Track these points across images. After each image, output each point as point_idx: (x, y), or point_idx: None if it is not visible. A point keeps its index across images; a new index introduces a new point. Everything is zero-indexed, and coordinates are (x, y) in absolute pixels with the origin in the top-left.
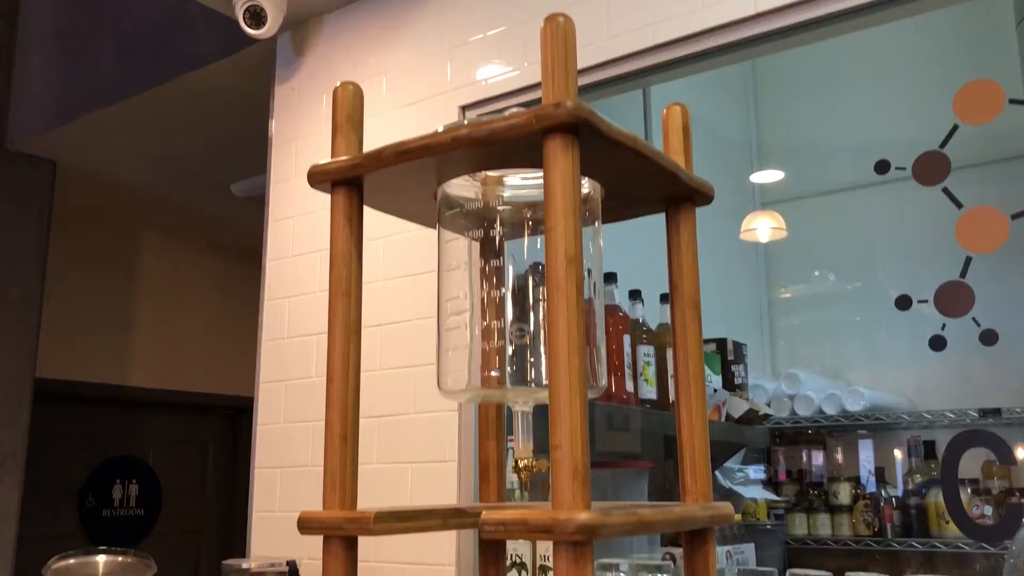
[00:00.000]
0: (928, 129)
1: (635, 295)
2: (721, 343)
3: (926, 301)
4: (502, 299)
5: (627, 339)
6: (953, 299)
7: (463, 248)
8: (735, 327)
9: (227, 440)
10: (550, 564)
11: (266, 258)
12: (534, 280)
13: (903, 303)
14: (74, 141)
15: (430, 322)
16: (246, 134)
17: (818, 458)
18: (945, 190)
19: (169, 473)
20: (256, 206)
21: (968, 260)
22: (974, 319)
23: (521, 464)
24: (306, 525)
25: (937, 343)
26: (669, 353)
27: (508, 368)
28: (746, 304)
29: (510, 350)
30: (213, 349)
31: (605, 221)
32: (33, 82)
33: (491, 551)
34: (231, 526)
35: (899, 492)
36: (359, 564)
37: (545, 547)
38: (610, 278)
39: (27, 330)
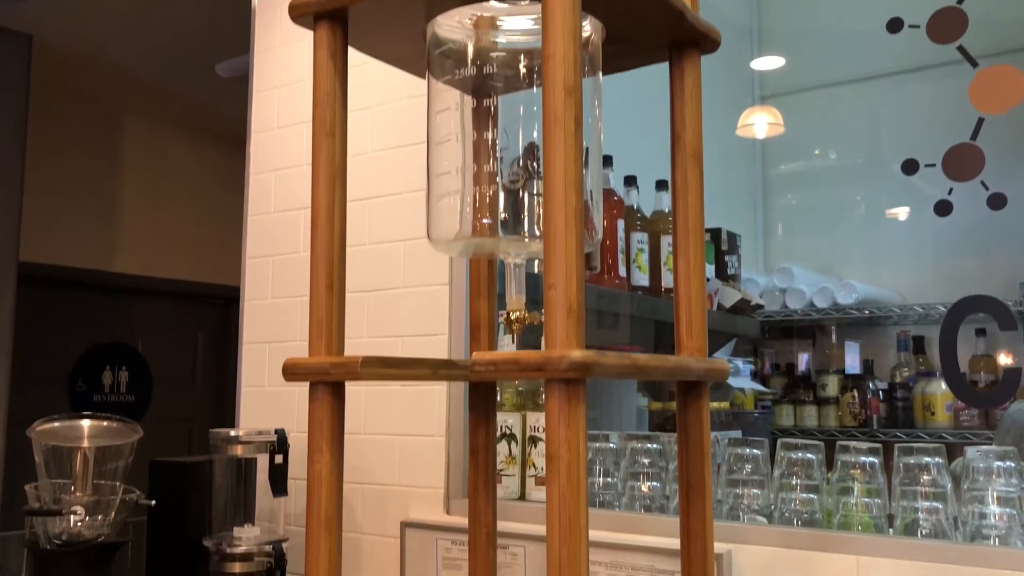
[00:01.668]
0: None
1: (630, 181)
2: (715, 233)
3: (933, 165)
4: (494, 143)
5: (621, 224)
6: (962, 162)
7: (455, 94)
8: (729, 221)
9: (218, 330)
10: (540, 435)
11: (251, 131)
12: (528, 123)
13: (909, 167)
14: (50, 14)
15: (420, 195)
16: (232, 7)
17: (807, 351)
18: (960, 48)
19: (159, 361)
20: (244, 89)
21: (980, 122)
22: (983, 183)
23: (513, 316)
24: (292, 371)
25: (943, 208)
26: (663, 241)
27: (501, 216)
28: (741, 199)
29: (503, 198)
30: (202, 238)
31: (606, 72)
32: None
33: (481, 416)
34: (222, 416)
35: (886, 385)
36: (346, 436)
37: (536, 418)
38: (606, 161)
39: (8, 211)
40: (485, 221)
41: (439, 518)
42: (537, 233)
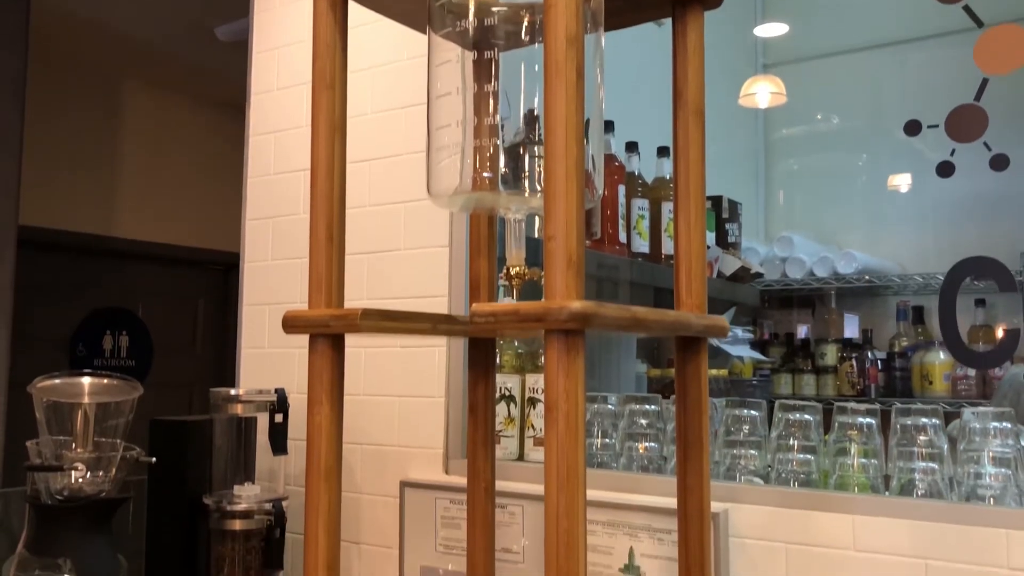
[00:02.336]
0: None
1: (632, 147)
2: (716, 200)
3: (936, 126)
4: (496, 95)
5: (622, 190)
6: (965, 123)
7: (455, 47)
8: (731, 191)
9: (218, 296)
10: (539, 396)
11: (250, 92)
12: (530, 82)
13: (912, 128)
14: None
15: (420, 157)
16: None
17: (806, 321)
18: (966, 8)
19: (160, 327)
20: (244, 53)
21: (984, 82)
22: (985, 144)
23: (513, 272)
24: (292, 324)
25: (945, 169)
26: (664, 207)
27: (502, 170)
28: (742, 169)
29: (504, 152)
30: (202, 203)
31: (608, 27)
32: None
33: (481, 373)
34: (223, 382)
35: (884, 355)
36: (346, 398)
37: (535, 380)
38: (607, 127)
39: (8, 174)
40: (485, 175)
41: (438, 478)
42: (538, 188)
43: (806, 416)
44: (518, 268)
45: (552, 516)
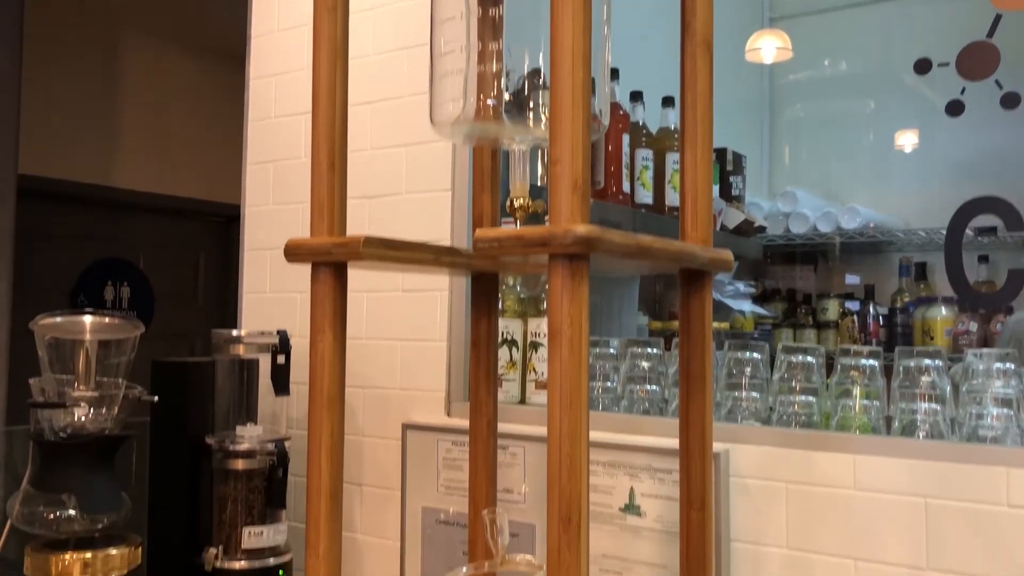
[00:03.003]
0: None
1: (636, 96)
2: (720, 152)
3: (947, 64)
4: (501, 18)
5: (626, 140)
6: (976, 60)
7: None
8: (734, 146)
9: (219, 249)
10: (541, 341)
11: (250, 34)
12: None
13: (922, 66)
14: None
15: (422, 99)
16: None
17: (809, 276)
18: None
19: (161, 279)
20: (245, 3)
21: (997, 19)
22: (997, 81)
23: (517, 203)
24: (293, 252)
25: (954, 108)
26: (668, 158)
27: (506, 97)
28: (747, 123)
29: (507, 79)
30: (203, 155)
31: None
32: None
33: (483, 309)
34: None
35: (886, 310)
36: (348, 341)
37: (537, 324)
38: (613, 74)
39: (6, 123)
40: (489, 102)
41: (440, 420)
42: (542, 117)
43: (808, 359)
44: (522, 200)
45: (555, 440)
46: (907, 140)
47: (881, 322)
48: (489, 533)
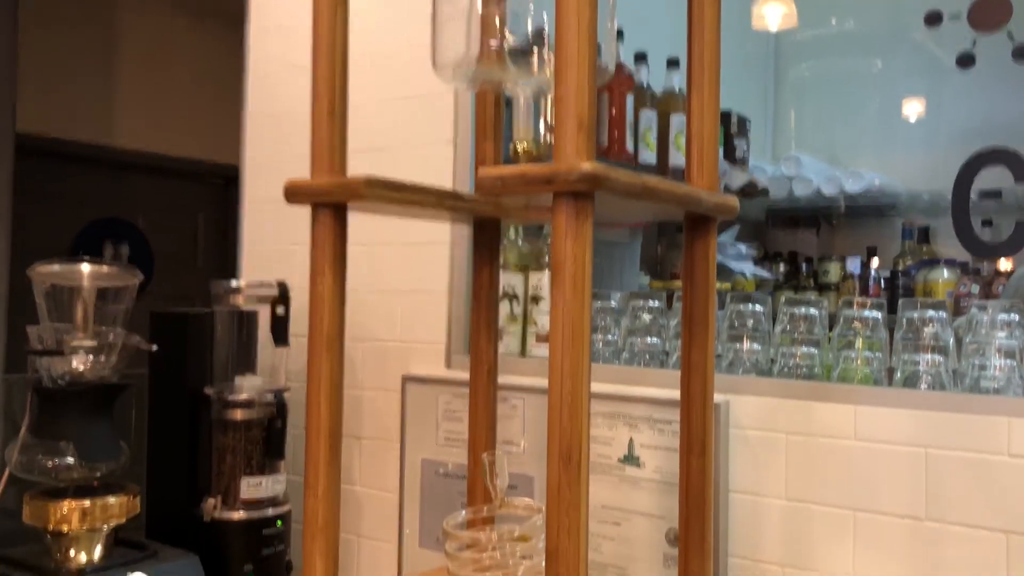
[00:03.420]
0: None
1: (641, 58)
2: (725, 115)
3: (958, 17)
4: None
5: (630, 100)
6: (988, 11)
7: None
8: (739, 108)
9: (218, 210)
10: (542, 294)
11: None
12: None
13: (932, 19)
14: None
15: (422, 51)
16: None
17: (811, 239)
18: None
19: (160, 240)
20: None
21: None
22: (1009, 33)
23: (520, 148)
24: (294, 193)
25: (965, 61)
26: (673, 119)
27: (509, 40)
28: (752, 89)
29: (512, 23)
30: (202, 116)
31: None
32: None
33: (485, 257)
34: None
35: (888, 273)
36: (347, 293)
37: (538, 278)
38: (618, 35)
39: (3, 79)
40: (492, 43)
41: (440, 372)
42: (547, 59)
43: (811, 311)
44: (526, 144)
45: (556, 378)
46: (914, 101)
47: (883, 285)
48: (488, 476)
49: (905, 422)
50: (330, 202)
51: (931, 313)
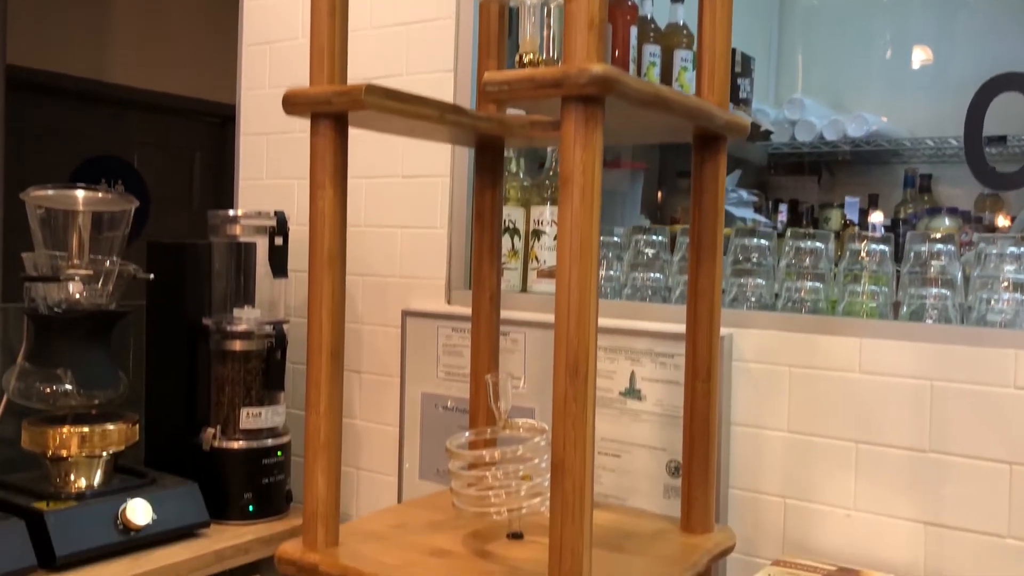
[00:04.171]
0: None
1: None
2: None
3: None
4: None
5: (634, 32)
6: None
7: None
8: (742, 47)
9: (214, 150)
10: (543, 228)
11: None
12: None
13: None
14: None
15: None
16: None
17: (812, 187)
18: None
19: (155, 179)
20: None
21: None
22: None
23: (526, 59)
24: (292, 102)
25: None
26: (676, 55)
27: None
28: (757, 26)
29: None
30: (199, 54)
31: None
32: None
33: (488, 181)
34: None
35: (889, 221)
36: (348, 229)
37: (540, 212)
38: None
39: None
40: None
41: (440, 307)
42: None
43: (817, 244)
44: (532, 55)
45: (564, 289)
46: (922, 47)
47: (884, 233)
48: (492, 396)
49: (910, 355)
50: (330, 111)
51: (939, 247)
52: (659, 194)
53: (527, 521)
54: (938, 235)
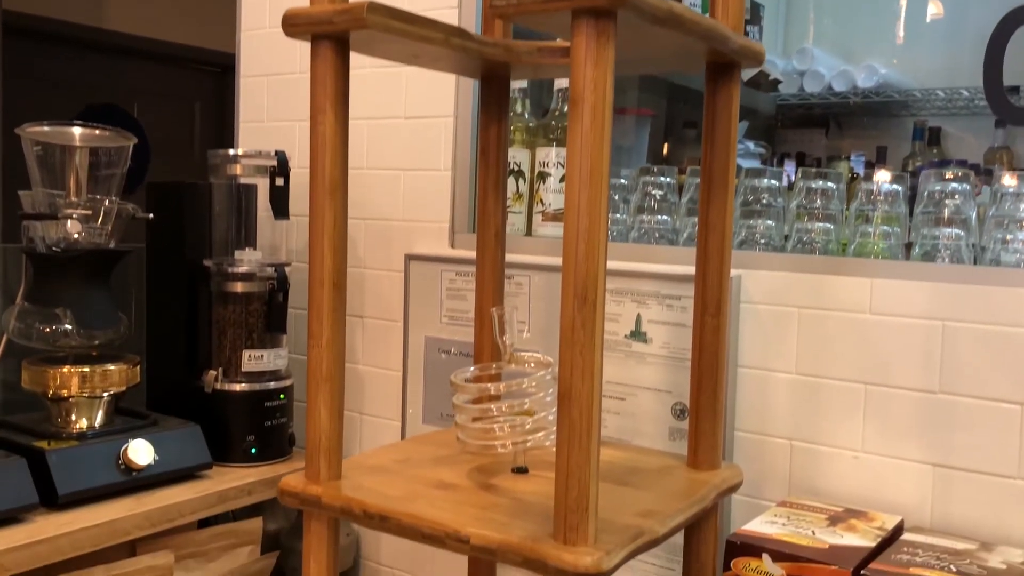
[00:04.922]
0: None
1: None
2: None
3: None
4: None
5: None
6: None
7: None
8: None
9: (215, 99)
10: (548, 170)
11: None
12: None
13: None
14: None
15: None
16: None
17: (820, 139)
18: None
19: (155, 128)
20: None
21: None
22: None
23: None
24: (292, 22)
25: None
26: None
27: None
28: None
29: None
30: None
31: None
32: None
33: (494, 114)
34: None
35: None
36: (349, 171)
37: (545, 153)
38: None
39: None
40: None
41: (444, 251)
42: None
43: (829, 184)
44: None
45: (572, 213)
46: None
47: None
48: (497, 330)
49: (922, 295)
50: (331, 32)
51: (954, 186)
52: (665, 145)
53: (532, 457)
54: (954, 173)
